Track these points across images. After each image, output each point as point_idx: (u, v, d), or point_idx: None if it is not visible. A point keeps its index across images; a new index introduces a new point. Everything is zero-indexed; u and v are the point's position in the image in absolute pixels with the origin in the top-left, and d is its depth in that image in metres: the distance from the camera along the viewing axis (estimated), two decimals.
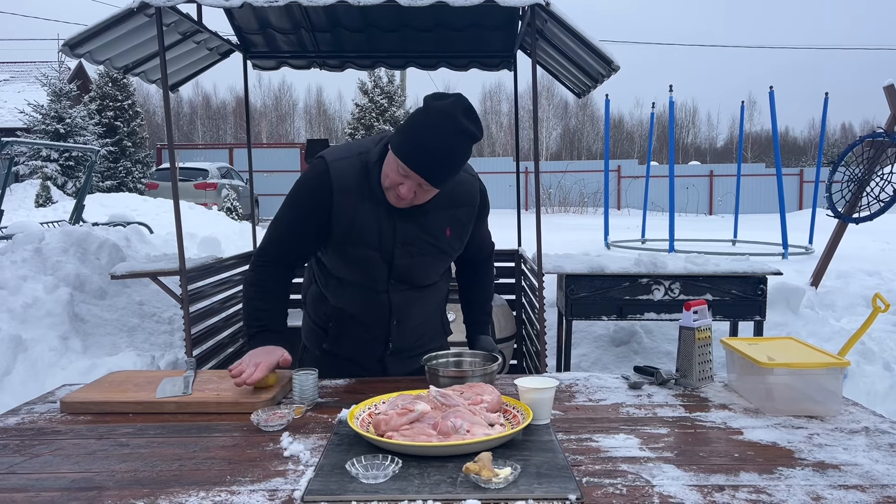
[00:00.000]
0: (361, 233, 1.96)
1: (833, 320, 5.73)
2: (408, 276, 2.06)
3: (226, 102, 51.64)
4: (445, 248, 2.07)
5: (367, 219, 1.96)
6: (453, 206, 2.04)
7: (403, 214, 1.96)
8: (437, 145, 1.78)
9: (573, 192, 24.39)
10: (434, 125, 1.78)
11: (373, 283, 2.05)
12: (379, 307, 2.09)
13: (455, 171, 1.86)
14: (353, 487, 1.30)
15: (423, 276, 2.10)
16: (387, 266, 2.02)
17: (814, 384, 1.76)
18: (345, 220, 1.95)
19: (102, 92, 20.82)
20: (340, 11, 4.80)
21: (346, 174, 1.95)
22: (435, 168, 1.81)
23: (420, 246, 2.02)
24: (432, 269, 2.11)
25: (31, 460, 1.48)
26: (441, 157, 1.80)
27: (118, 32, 3.90)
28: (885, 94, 6.64)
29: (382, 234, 1.97)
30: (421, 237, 2.01)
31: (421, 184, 1.84)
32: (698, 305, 2.03)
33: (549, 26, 4.05)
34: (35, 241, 5.49)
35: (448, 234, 2.05)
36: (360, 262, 2.01)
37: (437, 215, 2.01)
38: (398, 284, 2.06)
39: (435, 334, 2.28)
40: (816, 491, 1.31)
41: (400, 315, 2.11)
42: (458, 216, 2.06)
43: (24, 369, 4.30)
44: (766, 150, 42.30)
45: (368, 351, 2.18)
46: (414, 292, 2.11)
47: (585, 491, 1.31)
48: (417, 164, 1.80)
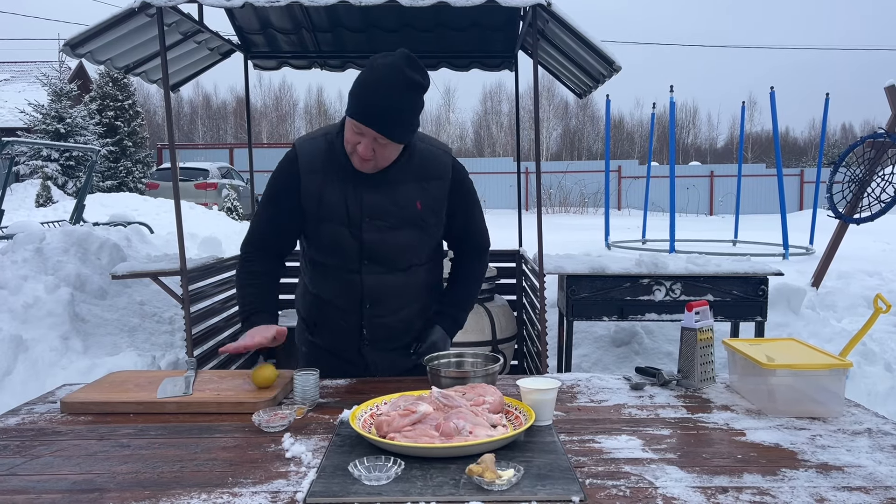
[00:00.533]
0: (329, 208, 2.00)
1: (834, 321, 5.73)
2: (380, 255, 2.03)
3: (226, 102, 51.64)
4: (417, 222, 2.03)
5: (333, 193, 2.00)
6: (423, 178, 2.03)
7: (370, 187, 1.98)
8: (384, 97, 1.82)
9: (574, 192, 24.39)
10: (379, 79, 1.83)
11: (345, 263, 2.05)
12: (351, 289, 2.07)
13: (406, 122, 1.89)
14: (355, 489, 1.30)
15: (396, 256, 2.05)
16: (357, 243, 2.02)
17: (816, 385, 1.76)
18: (313, 197, 2.01)
19: (103, 92, 20.82)
20: (341, 11, 4.80)
21: (313, 154, 2.03)
22: (385, 119, 1.84)
23: (389, 219, 2.00)
24: (407, 247, 2.05)
25: (31, 461, 1.48)
26: (389, 108, 1.84)
27: (119, 32, 3.90)
28: (886, 94, 6.64)
29: (350, 208, 1.99)
30: (389, 209, 2.00)
31: (376, 138, 1.86)
32: (700, 306, 2.02)
33: (550, 26, 4.05)
34: (36, 240, 5.49)
35: (419, 206, 2.02)
36: (331, 240, 2.03)
37: (406, 187, 2.01)
38: (371, 265, 2.04)
39: (419, 328, 2.19)
40: (820, 493, 1.30)
41: (373, 298, 2.08)
42: (428, 189, 2.04)
43: (25, 369, 4.29)
44: (766, 150, 42.28)
45: (346, 340, 2.15)
46: (389, 276, 2.06)
47: (589, 492, 1.30)
48: (368, 117, 1.84)
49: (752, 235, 14.07)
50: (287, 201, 2.05)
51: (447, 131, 48.44)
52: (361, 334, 2.13)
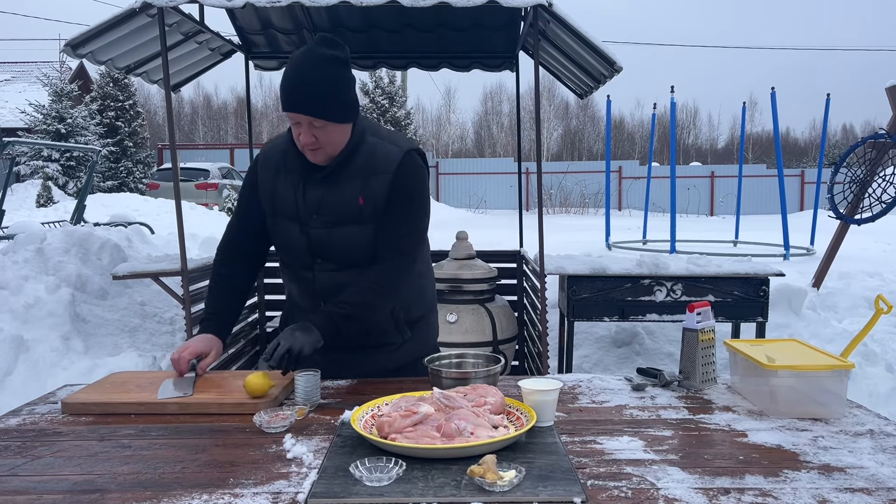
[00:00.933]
0: (281, 203, 2.05)
1: (835, 321, 5.72)
2: (328, 252, 2.03)
3: (227, 103, 51.65)
4: (358, 218, 2.00)
5: (285, 189, 2.04)
6: (368, 174, 2.00)
7: (318, 184, 2.01)
8: (301, 78, 1.86)
9: (574, 192, 24.39)
10: (296, 64, 1.88)
11: (299, 260, 2.08)
12: (307, 286, 2.10)
13: (331, 97, 1.88)
14: (357, 490, 1.30)
15: (345, 254, 2.03)
16: (306, 239, 2.04)
17: (818, 386, 1.75)
18: (268, 193, 2.07)
19: (104, 92, 20.85)
20: (342, 12, 4.79)
21: (272, 152, 2.10)
22: (308, 99, 1.86)
23: (331, 215, 2.00)
24: (353, 245, 2.02)
25: (32, 462, 1.48)
26: (309, 87, 1.85)
27: (120, 33, 3.90)
28: (887, 95, 6.64)
29: (298, 204, 2.03)
30: (332, 204, 2.00)
31: (311, 122, 1.88)
32: (701, 307, 2.02)
33: (551, 27, 4.04)
34: (36, 241, 5.49)
35: (360, 202, 1.99)
36: (284, 237, 2.08)
37: (351, 184, 1.99)
38: (323, 262, 2.05)
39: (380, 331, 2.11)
40: (822, 494, 1.30)
41: (326, 296, 2.06)
42: (371, 184, 1.99)
43: (26, 370, 4.29)
44: (767, 150, 42.27)
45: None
46: (341, 274, 2.04)
47: (590, 494, 1.30)
48: (292, 102, 1.87)
49: (753, 236, 14.07)
50: (250, 200, 2.12)
51: (448, 132, 48.48)
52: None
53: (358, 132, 2.00)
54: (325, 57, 1.87)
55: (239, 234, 2.19)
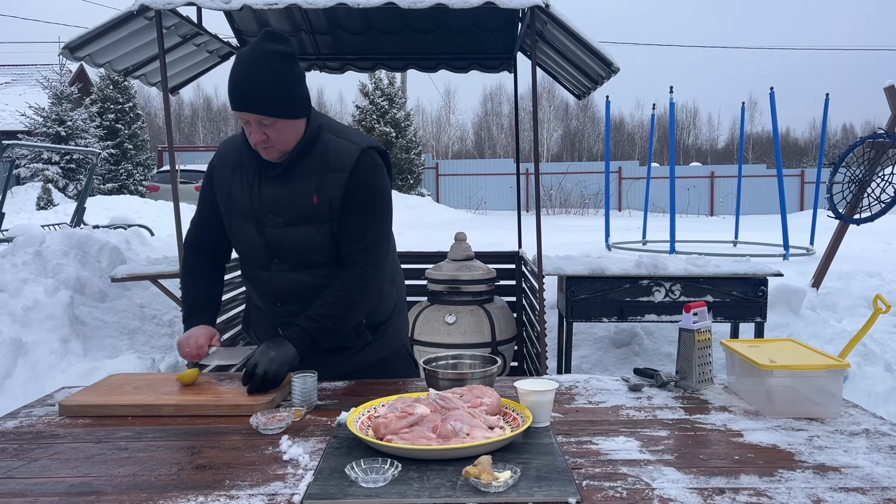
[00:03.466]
0: (236, 203, 2.04)
1: (834, 321, 5.72)
2: (284, 252, 2.01)
3: (227, 105, 51.63)
4: (312, 217, 1.96)
5: (239, 189, 2.03)
6: (322, 171, 1.97)
7: (272, 182, 1.99)
8: (245, 75, 1.84)
9: (574, 193, 24.39)
10: (240, 63, 1.86)
11: (256, 259, 2.07)
12: (263, 287, 2.09)
13: (277, 92, 1.84)
14: (352, 491, 1.30)
15: (300, 254, 2.00)
16: (262, 238, 2.03)
17: (814, 386, 1.76)
18: (223, 192, 2.07)
19: (103, 94, 20.86)
20: (340, 13, 4.80)
21: (228, 152, 2.09)
22: (253, 96, 1.84)
23: (285, 214, 1.98)
24: (309, 245, 1.99)
25: (29, 465, 1.48)
26: (254, 84, 1.83)
27: (118, 35, 3.91)
28: (886, 94, 6.64)
29: (253, 203, 2.02)
30: (285, 203, 1.97)
31: (260, 120, 1.86)
32: (698, 307, 2.02)
33: (548, 28, 4.05)
34: (36, 243, 5.50)
35: (315, 200, 1.96)
36: (241, 236, 2.07)
37: (305, 181, 1.97)
38: (280, 262, 2.03)
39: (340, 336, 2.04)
40: (817, 493, 1.30)
41: (282, 297, 2.06)
42: (326, 181, 1.96)
43: (25, 372, 4.30)
44: (767, 151, 42.28)
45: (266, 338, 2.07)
46: (297, 274, 2.02)
47: (585, 494, 1.30)
48: (238, 101, 1.86)
49: (753, 236, 14.06)
50: (207, 196, 2.13)
51: (447, 133, 48.49)
52: (278, 335, 2.02)
53: (313, 128, 1.97)
54: (270, 52, 1.84)
55: (201, 233, 2.20)
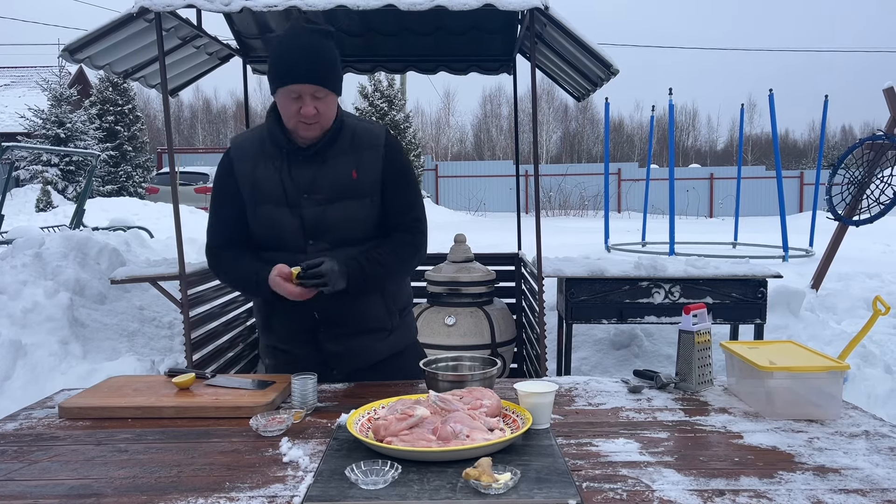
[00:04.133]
0: (265, 189, 2.04)
1: (834, 323, 5.73)
2: (323, 231, 2.03)
3: (226, 106, 51.64)
4: (355, 193, 2.03)
5: (267, 174, 2.04)
6: (356, 149, 2.06)
7: (305, 164, 2.03)
8: (302, 50, 1.91)
9: (573, 195, 24.41)
10: (290, 40, 1.94)
11: (289, 243, 2.05)
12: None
13: (331, 67, 1.95)
14: (352, 493, 1.30)
15: (342, 231, 2.04)
16: (298, 220, 2.03)
17: (814, 388, 1.76)
18: (247, 179, 2.06)
19: (103, 96, 20.87)
20: (340, 15, 4.80)
21: (244, 145, 2.11)
22: (308, 69, 1.91)
23: (325, 192, 2.02)
24: (351, 220, 2.04)
25: (29, 467, 1.48)
26: (312, 57, 1.92)
27: (118, 37, 3.90)
28: (885, 96, 6.65)
29: (286, 187, 2.03)
30: (325, 182, 2.03)
31: (313, 93, 1.93)
32: (697, 309, 2.03)
33: (548, 30, 4.05)
34: (35, 245, 5.49)
35: (354, 175, 2.04)
36: (271, 222, 2.05)
37: (341, 159, 2.05)
38: (317, 243, 2.04)
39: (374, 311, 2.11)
40: (817, 495, 1.31)
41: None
42: (362, 158, 2.06)
43: (24, 374, 4.29)
44: (766, 152, 42.29)
45: (299, 328, 2.10)
46: (334, 252, 2.02)
47: (585, 496, 1.30)
48: (297, 73, 1.90)
49: (752, 238, 14.07)
50: (227, 190, 2.10)
51: (447, 134, 48.49)
52: (314, 319, 2.07)
53: (339, 112, 2.07)
54: (318, 31, 1.95)
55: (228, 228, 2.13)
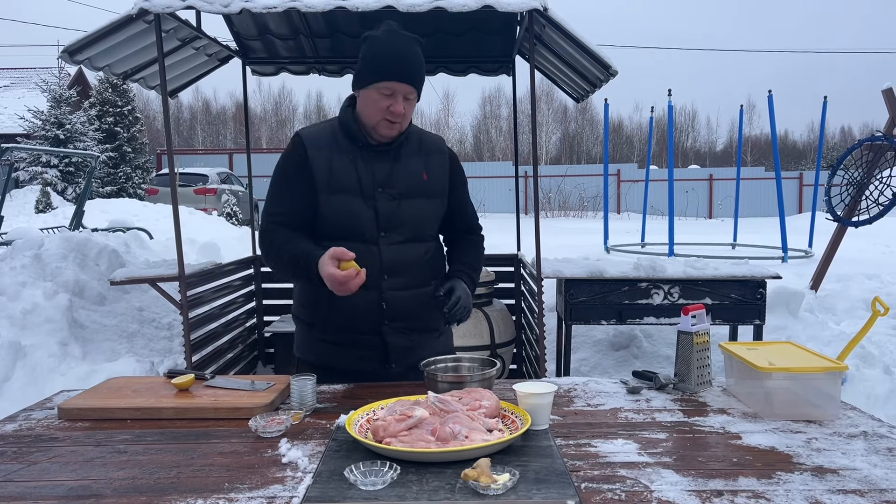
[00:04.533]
0: (341, 178, 2.07)
1: (833, 324, 5.73)
2: (396, 224, 2.09)
3: (226, 108, 51.66)
4: (425, 192, 2.13)
5: (343, 166, 2.08)
6: (425, 153, 2.17)
7: (379, 160, 2.09)
8: (403, 52, 2.01)
9: (573, 196, 24.41)
10: (388, 40, 2.02)
11: (362, 234, 2.07)
12: (370, 260, 2.03)
13: (422, 71, 2.06)
14: (351, 494, 1.30)
15: (413, 226, 2.12)
16: (372, 212, 2.07)
17: (812, 389, 1.76)
18: (322, 168, 2.07)
19: (102, 98, 20.85)
20: (339, 17, 4.81)
21: (317, 137, 2.13)
22: (410, 71, 2.01)
23: (400, 186, 2.10)
24: (421, 217, 2.13)
25: (28, 468, 1.48)
26: (409, 61, 2.02)
27: (117, 39, 3.91)
28: (884, 97, 6.65)
29: (361, 179, 2.07)
30: (399, 178, 2.10)
31: (406, 94, 2.02)
32: (696, 310, 2.03)
33: (547, 31, 4.06)
34: (34, 247, 5.49)
35: (425, 176, 2.14)
36: (346, 211, 2.07)
37: (413, 160, 2.14)
38: (388, 234, 2.09)
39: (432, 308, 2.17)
40: (815, 496, 1.31)
41: (390, 269, 2.09)
42: (430, 162, 2.17)
43: (24, 375, 4.29)
44: (765, 153, 42.32)
45: (364, 320, 2.11)
46: (407, 247, 2.11)
47: (584, 496, 1.30)
48: (396, 73, 1.99)
49: (752, 238, 14.08)
50: (298, 177, 2.08)
51: (446, 135, 48.50)
52: (382, 311, 2.11)
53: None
54: (414, 38, 2.04)
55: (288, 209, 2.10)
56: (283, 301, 5.41)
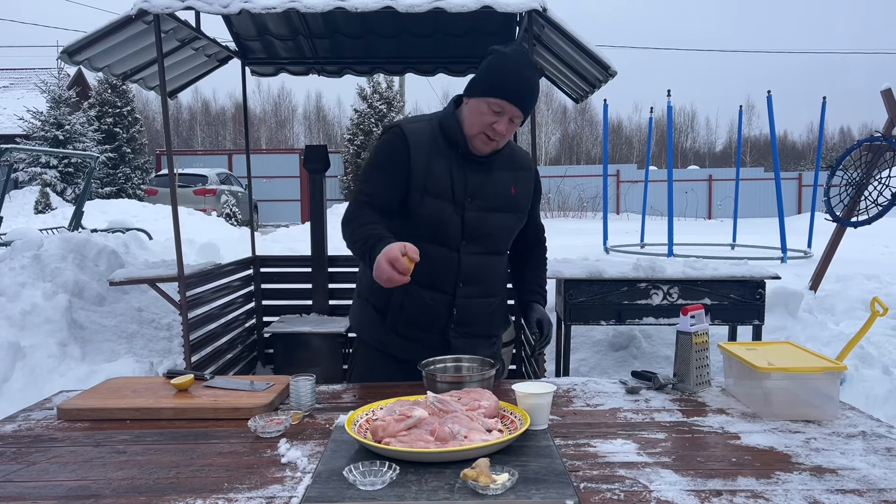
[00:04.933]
0: (436, 181, 2.07)
1: (832, 324, 5.73)
2: (479, 235, 2.12)
3: (225, 108, 51.67)
4: (512, 206, 2.18)
5: (440, 169, 2.09)
6: (513, 167, 2.20)
7: (473, 169, 2.11)
8: (527, 78, 2.02)
9: (572, 196, 24.40)
10: (519, 63, 2.02)
11: (446, 239, 2.09)
12: (448, 266, 2.10)
13: (535, 100, 2.08)
14: (350, 494, 1.30)
15: (493, 239, 2.16)
16: (459, 220, 2.09)
17: (811, 389, 1.76)
18: (420, 169, 2.08)
19: (101, 98, 20.84)
20: (339, 18, 4.81)
21: (419, 134, 2.12)
22: (526, 97, 2.02)
23: (489, 199, 2.12)
24: (503, 230, 2.18)
25: (27, 468, 1.48)
26: (528, 87, 2.03)
27: (117, 39, 3.91)
28: (883, 98, 6.66)
29: (455, 185, 2.09)
30: (489, 190, 2.13)
31: (513, 118, 2.02)
32: (695, 310, 2.03)
33: (546, 32, 4.06)
34: (34, 247, 5.49)
35: (513, 191, 2.18)
36: (435, 215, 2.08)
37: (502, 173, 2.17)
38: (469, 244, 2.12)
39: (498, 319, 2.30)
40: (814, 496, 1.31)
41: (467, 278, 2.13)
42: (519, 177, 2.21)
43: (23, 376, 4.29)
44: (764, 154, 42.34)
45: (432, 320, 2.14)
46: (483, 258, 2.16)
47: (583, 496, 1.31)
48: (511, 94, 1.99)
49: (751, 239, 14.08)
50: (396, 169, 2.07)
51: None
52: (451, 315, 2.15)
53: None
54: (537, 66, 2.06)
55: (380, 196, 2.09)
56: (283, 301, 5.41)
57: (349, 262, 5.37)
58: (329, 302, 5.23)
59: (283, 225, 19.67)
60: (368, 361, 2.26)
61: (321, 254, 5.15)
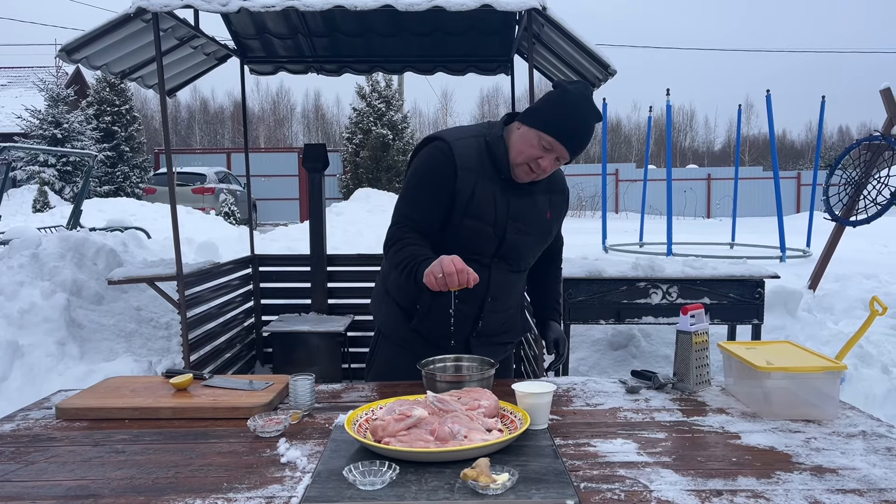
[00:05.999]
0: (479, 206, 2.07)
1: (831, 323, 5.73)
2: (512, 254, 2.15)
3: (224, 107, 51.63)
4: (546, 230, 2.21)
5: (485, 194, 2.08)
6: (551, 191, 2.22)
7: (516, 193, 2.12)
8: (584, 124, 2.00)
9: (571, 195, 24.35)
10: (579, 107, 1.99)
11: (479, 257, 2.10)
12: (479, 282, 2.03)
13: (586, 145, 2.06)
14: (350, 494, 1.30)
15: (524, 257, 2.20)
16: (497, 240, 2.11)
17: (811, 388, 1.76)
18: (466, 193, 2.07)
19: (100, 97, 20.82)
20: (338, 16, 4.80)
21: (467, 153, 2.09)
22: (578, 142, 2.01)
23: (528, 223, 2.15)
24: (533, 250, 2.23)
25: (26, 468, 1.48)
26: (586, 134, 2.01)
27: (115, 38, 3.90)
28: (882, 97, 6.66)
29: (497, 210, 2.09)
30: (529, 216, 2.15)
31: (561, 155, 2.01)
32: (695, 309, 2.03)
33: (545, 31, 4.06)
34: (32, 246, 5.48)
35: (549, 216, 2.21)
36: (474, 236, 2.09)
37: (541, 197, 2.19)
38: (500, 262, 2.15)
39: (517, 326, 2.35)
40: (814, 495, 1.31)
41: (495, 293, 2.17)
42: (554, 200, 2.24)
43: (21, 375, 4.28)
44: (763, 153, 42.36)
45: (457, 329, 2.15)
46: (511, 274, 2.20)
47: (583, 496, 1.30)
48: (566, 137, 1.98)
49: (750, 238, 14.08)
50: (441, 190, 2.07)
51: None
52: (476, 326, 2.20)
53: None
54: (598, 114, 2.00)
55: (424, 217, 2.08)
56: (281, 300, 5.41)
57: (348, 262, 5.37)
58: (328, 301, 5.23)
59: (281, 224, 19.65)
60: (389, 356, 2.29)
61: (320, 253, 5.15)
